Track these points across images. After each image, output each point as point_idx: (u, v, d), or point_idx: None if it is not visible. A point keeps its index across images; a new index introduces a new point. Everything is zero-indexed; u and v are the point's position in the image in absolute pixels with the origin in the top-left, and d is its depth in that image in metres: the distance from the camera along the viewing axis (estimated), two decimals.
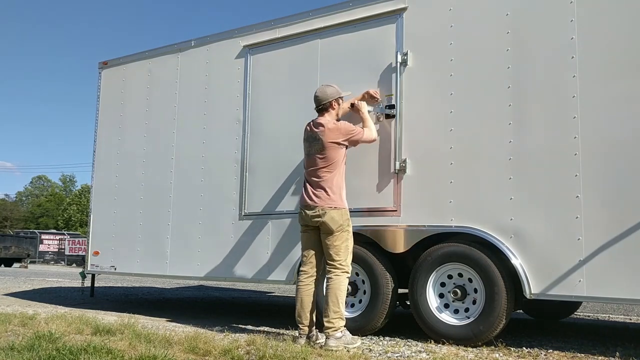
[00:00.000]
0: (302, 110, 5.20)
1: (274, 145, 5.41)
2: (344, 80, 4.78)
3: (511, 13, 4.31)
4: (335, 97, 4.39)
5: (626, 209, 3.75)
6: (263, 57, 5.59)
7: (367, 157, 4.76)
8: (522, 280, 4.03)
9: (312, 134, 4.35)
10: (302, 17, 5.37)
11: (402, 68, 4.75)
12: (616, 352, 3.88)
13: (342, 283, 4.15)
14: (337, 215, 4.17)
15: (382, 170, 4.72)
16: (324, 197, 4.21)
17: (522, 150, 4.14)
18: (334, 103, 4.40)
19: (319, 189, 4.24)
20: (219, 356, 3.72)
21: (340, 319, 4.09)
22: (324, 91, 4.40)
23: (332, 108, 4.40)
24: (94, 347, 3.73)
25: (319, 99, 4.40)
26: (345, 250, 4.20)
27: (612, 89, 3.88)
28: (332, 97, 4.38)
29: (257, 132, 5.52)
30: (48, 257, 33.15)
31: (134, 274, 6.43)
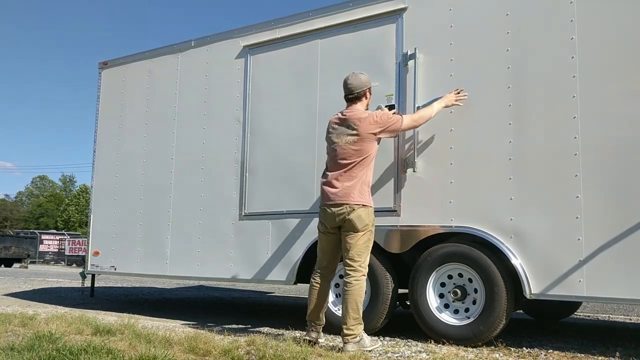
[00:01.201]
0: (303, 110, 5.21)
1: (274, 146, 5.41)
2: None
3: (511, 13, 4.31)
4: (368, 86, 4.15)
5: (626, 209, 3.75)
6: (263, 57, 5.59)
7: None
8: (522, 280, 4.03)
9: (343, 124, 4.06)
10: (302, 17, 5.37)
11: (402, 68, 4.75)
12: (616, 352, 3.88)
13: (362, 288, 3.93)
14: (364, 214, 3.94)
15: (382, 171, 4.72)
16: (353, 194, 3.95)
17: (522, 150, 4.15)
18: (367, 92, 4.16)
19: (348, 185, 3.97)
20: (219, 356, 3.72)
21: (360, 324, 3.92)
22: (358, 78, 4.13)
23: (365, 97, 4.16)
24: (94, 347, 3.73)
25: (351, 87, 4.12)
26: (367, 250, 3.99)
27: (612, 89, 3.88)
28: (366, 86, 4.13)
29: (257, 132, 5.52)
30: (48, 257, 33.16)
31: (134, 274, 6.42)
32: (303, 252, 5.05)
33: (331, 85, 4.91)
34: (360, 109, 4.12)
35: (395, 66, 4.74)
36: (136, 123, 6.56)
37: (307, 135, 5.15)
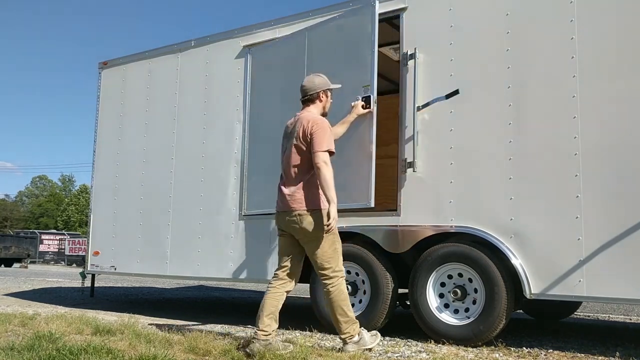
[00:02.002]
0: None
1: (274, 145, 5.39)
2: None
3: (511, 13, 4.31)
4: (323, 88, 4.00)
5: (626, 209, 3.75)
6: (263, 57, 5.58)
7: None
8: (522, 280, 4.03)
9: (293, 128, 3.93)
10: (302, 17, 5.37)
11: (402, 68, 4.75)
12: (616, 352, 3.88)
13: (342, 291, 3.81)
14: (316, 219, 3.76)
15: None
16: (301, 200, 3.79)
17: (522, 150, 4.15)
18: (322, 95, 4.00)
19: (296, 190, 3.83)
20: (219, 356, 3.72)
21: (353, 324, 3.82)
22: (311, 80, 4.01)
23: (320, 100, 4.00)
24: (94, 347, 3.73)
25: (305, 89, 4.01)
26: (335, 254, 3.82)
27: (612, 89, 3.88)
28: (320, 88, 3.99)
29: (257, 132, 5.52)
30: (48, 257, 33.15)
31: (134, 274, 6.42)
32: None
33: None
34: (313, 111, 3.96)
35: (370, 55, 4.62)
36: (136, 123, 6.56)
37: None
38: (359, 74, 4.60)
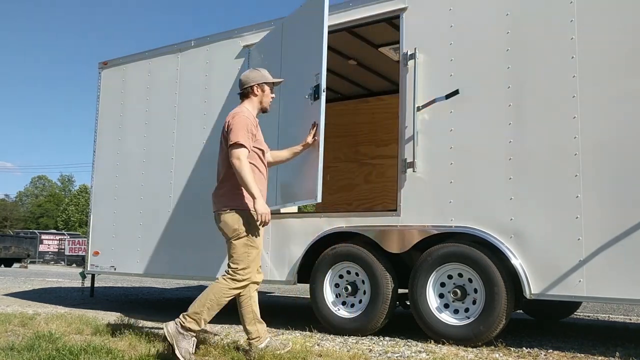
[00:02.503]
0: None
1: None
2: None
3: (511, 13, 4.31)
4: (258, 82, 3.79)
5: (626, 209, 3.75)
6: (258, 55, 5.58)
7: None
8: (522, 280, 4.03)
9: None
10: None
11: (402, 68, 4.75)
12: (616, 352, 3.88)
13: (225, 292, 3.57)
14: (230, 220, 3.60)
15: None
16: (222, 200, 3.67)
17: (522, 150, 4.15)
18: (257, 89, 3.79)
19: (220, 191, 3.71)
20: (219, 356, 3.72)
21: (195, 322, 3.55)
22: (247, 75, 3.84)
23: (254, 95, 3.80)
24: (93, 347, 3.73)
25: (240, 83, 3.84)
26: (246, 259, 3.60)
27: (612, 89, 3.88)
28: (254, 82, 3.78)
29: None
30: (48, 257, 33.15)
31: (134, 274, 6.42)
32: (303, 252, 5.05)
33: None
34: (246, 107, 3.78)
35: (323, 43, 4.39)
36: (136, 123, 6.55)
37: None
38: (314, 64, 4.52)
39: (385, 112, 7.58)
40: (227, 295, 3.60)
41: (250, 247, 3.62)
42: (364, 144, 7.81)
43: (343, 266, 4.89)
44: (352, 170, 7.88)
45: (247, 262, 3.61)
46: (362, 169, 7.80)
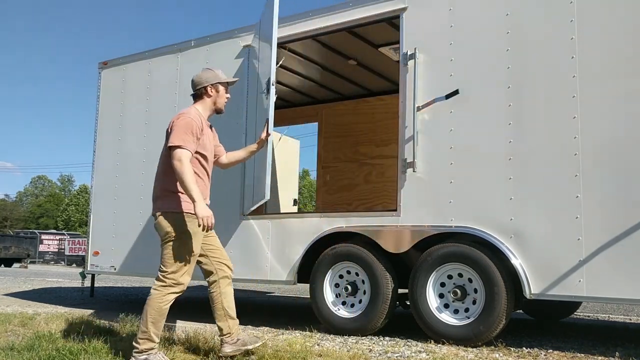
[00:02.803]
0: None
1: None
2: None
3: (511, 13, 4.31)
4: (212, 83, 3.70)
5: (626, 209, 3.75)
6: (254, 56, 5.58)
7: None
8: (522, 280, 4.03)
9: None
10: (302, 17, 5.37)
11: (402, 68, 4.75)
12: (616, 352, 3.88)
13: (161, 301, 3.44)
14: (164, 222, 3.47)
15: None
16: (158, 201, 3.55)
17: (522, 150, 4.15)
18: (210, 89, 3.70)
19: (156, 193, 3.59)
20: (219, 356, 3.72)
21: (148, 341, 3.41)
22: (199, 75, 3.74)
23: (208, 95, 3.70)
24: (94, 347, 3.73)
25: (193, 84, 3.75)
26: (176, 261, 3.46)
27: (612, 89, 3.88)
28: (206, 82, 3.69)
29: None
30: (48, 257, 33.15)
31: (134, 274, 6.42)
32: (303, 252, 5.05)
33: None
34: (196, 108, 3.68)
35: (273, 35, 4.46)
36: (136, 123, 6.55)
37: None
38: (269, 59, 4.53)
39: (385, 112, 7.58)
40: (165, 301, 3.46)
41: (181, 251, 3.46)
42: (364, 144, 7.81)
43: (343, 266, 4.89)
44: (352, 170, 7.89)
45: (177, 266, 3.46)
46: (362, 169, 7.80)
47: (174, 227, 3.46)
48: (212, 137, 3.81)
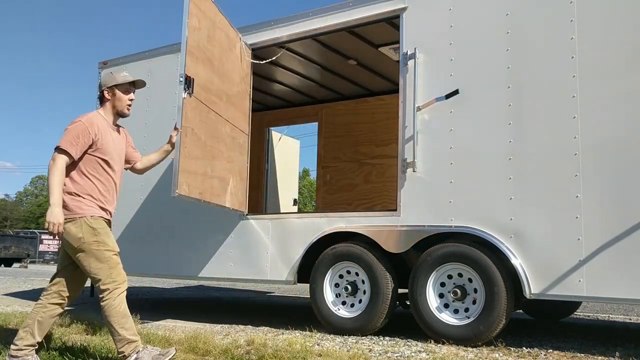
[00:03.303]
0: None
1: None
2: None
3: (511, 13, 4.31)
4: (107, 86, 3.55)
5: (626, 209, 3.75)
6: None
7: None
8: (522, 280, 4.03)
9: None
10: (302, 17, 5.37)
11: (402, 68, 4.75)
12: (616, 352, 3.88)
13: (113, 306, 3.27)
14: (73, 228, 3.30)
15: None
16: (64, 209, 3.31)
17: (522, 150, 4.15)
18: (107, 93, 3.56)
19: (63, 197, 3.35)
20: (219, 356, 3.73)
21: (129, 344, 3.28)
22: (101, 79, 3.61)
23: (106, 99, 3.57)
24: (94, 347, 3.73)
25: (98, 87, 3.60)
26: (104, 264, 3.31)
27: (612, 89, 3.89)
28: (104, 86, 3.56)
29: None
30: (48, 257, 33.14)
31: (134, 273, 6.41)
32: (303, 252, 5.05)
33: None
34: (98, 112, 3.56)
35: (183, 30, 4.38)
36: (136, 123, 6.54)
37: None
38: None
39: (385, 112, 7.58)
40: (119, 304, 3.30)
41: (102, 251, 3.32)
42: (364, 144, 7.81)
43: (343, 266, 4.89)
44: (352, 170, 7.89)
45: (106, 265, 3.31)
46: (362, 169, 7.80)
47: (86, 230, 3.31)
48: (122, 142, 3.67)
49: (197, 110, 4.50)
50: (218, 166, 4.88)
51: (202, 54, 4.59)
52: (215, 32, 4.86)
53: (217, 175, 4.84)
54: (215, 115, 4.82)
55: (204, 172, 4.61)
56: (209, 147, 4.70)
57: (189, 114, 4.37)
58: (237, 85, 5.28)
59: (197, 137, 4.50)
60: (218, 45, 4.90)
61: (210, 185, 4.73)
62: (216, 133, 4.84)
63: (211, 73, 4.74)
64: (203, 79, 4.60)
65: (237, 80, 5.29)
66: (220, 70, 4.91)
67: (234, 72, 5.23)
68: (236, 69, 5.27)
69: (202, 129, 4.58)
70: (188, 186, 4.37)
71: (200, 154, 4.55)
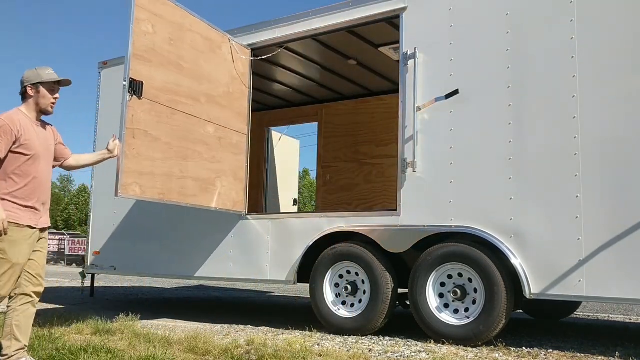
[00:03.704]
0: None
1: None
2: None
3: (511, 13, 4.31)
4: (30, 83, 3.44)
5: (626, 209, 3.75)
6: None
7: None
8: (522, 280, 4.03)
9: None
10: (302, 18, 5.37)
11: (402, 68, 4.75)
12: (616, 352, 3.88)
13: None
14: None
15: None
16: None
17: (522, 150, 4.15)
18: (30, 90, 3.44)
19: None
20: (219, 356, 3.73)
21: (22, 351, 3.30)
22: (24, 74, 3.50)
23: (29, 96, 3.44)
24: (93, 347, 3.73)
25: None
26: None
27: (612, 89, 3.89)
28: (27, 82, 3.45)
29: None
30: (48, 257, 33.09)
31: (134, 273, 6.42)
32: (303, 252, 5.05)
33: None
34: (20, 109, 3.45)
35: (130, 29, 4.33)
36: None
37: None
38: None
39: (385, 112, 7.58)
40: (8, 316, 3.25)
41: (3, 260, 3.24)
42: (364, 144, 7.81)
43: (343, 266, 4.89)
44: (352, 170, 7.89)
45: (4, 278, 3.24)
46: (362, 169, 7.80)
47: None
48: (50, 138, 3.59)
49: (152, 113, 4.49)
50: (193, 167, 4.87)
51: (161, 57, 4.59)
52: (185, 35, 4.86)
53: (191, 175, 4.84)
54: (186, 116, 4.80)
55: (167, 173, 4.61)
56: (176, 148, 4.70)
57: (140, 116, 4.38)
58: (224, 86, 5.28)
59: (154, 139, 4.50)
60: (190, 47, 4.89)
61: (180, 186, 4.73)
62: (188, 134, 4.83)
63: (178, 75, 4.74)
64: (162, 81, 4.59)
65: (225, 80, 5.28)
66: (195, 72, 4.92)
67: (219, 73, 5.22)
68: (222, 70, 5.26)
69: (162, 130, 4.57)
70: (140, 187, 4.40)
71: (160, 155, 4.55)
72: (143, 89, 4.37)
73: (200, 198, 4.94)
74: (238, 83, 5.46)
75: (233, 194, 5.34)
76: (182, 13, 4.84)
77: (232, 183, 5.34)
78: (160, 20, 4.60)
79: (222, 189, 5.18)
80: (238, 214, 5.49)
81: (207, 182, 5.01)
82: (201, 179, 4.95)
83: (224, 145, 5.24)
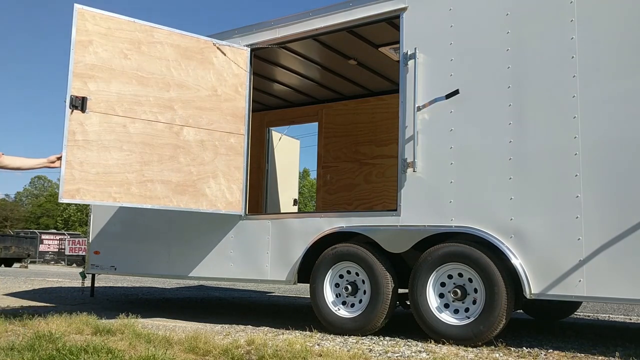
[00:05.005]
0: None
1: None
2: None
3: (511, 13, 4.31)
4: None
5: (626, 209, 3.75)
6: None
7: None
8: (522, 280, 4.03)
9: None
10: (302, 18, 5.38)
11: (402, 68, 4.75)
12: (616, 352, 3.88)
13: None
14: None
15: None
16: None
17: (522, 150, 4.15)
18: None
19: None
20: (219, 356, 3.72)
21: None
22: None
23: None
24: (93, 347, 3.73)
25: None
26: None
27: (612, 89, 3.89)
28: None
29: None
30: (48, 257, 33.16)
31: (134, 273, 6.42)
32: (303, 252, 5.05)
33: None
34: None
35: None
36: None
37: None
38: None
39: (385, 112, 7.58)
40: None
41: None
42: (364, 144, 7.81)
43: (343, 266, 4.89)
44: (352, 170, 7.89)
45: None
46: (362, 169, 7.80)
47: None
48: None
49: (103, 124, 4.75)
50: (160, 170, 4.98)
51: (111, 71, 4.82)
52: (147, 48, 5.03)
53: (158, 179, 4.96)
54: (150, 123, 4.96)
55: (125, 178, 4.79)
56: (138, 154, 4.87)
57: (87, 128, 4.66)
58: (208, 89, 5.32)
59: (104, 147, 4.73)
60: (155, 58, 5.06)
61: (144, 189, 4.88)
62: (154, 139, 4.97)
63: (137, 86, 4.93)
64: (116, 93, 4.82)
65: (210, 84, 5.33)
66: (163, 81, 5.06)
67: (200, 78, 5.28)
68: (203, 74, 5.31)
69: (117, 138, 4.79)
70: (89, 192, 4.61)
71: (114, 162, 4.76)
72: (87, 103, 4.62)
73: (177, 200, 5.04)
74: (229, 84, 5.46)
75: (227, 195, 5.35)
76: (142, 28, 5.03)
77: (224, 184, 5.34)
78: (111, 39, 4.85)
79: (209, 191, 5.21)
80: (232, 215, 5.48)
81: (183, 185, 5.09)
82: (174, 182, 5.04)
83: (209, 148, 5.25)
